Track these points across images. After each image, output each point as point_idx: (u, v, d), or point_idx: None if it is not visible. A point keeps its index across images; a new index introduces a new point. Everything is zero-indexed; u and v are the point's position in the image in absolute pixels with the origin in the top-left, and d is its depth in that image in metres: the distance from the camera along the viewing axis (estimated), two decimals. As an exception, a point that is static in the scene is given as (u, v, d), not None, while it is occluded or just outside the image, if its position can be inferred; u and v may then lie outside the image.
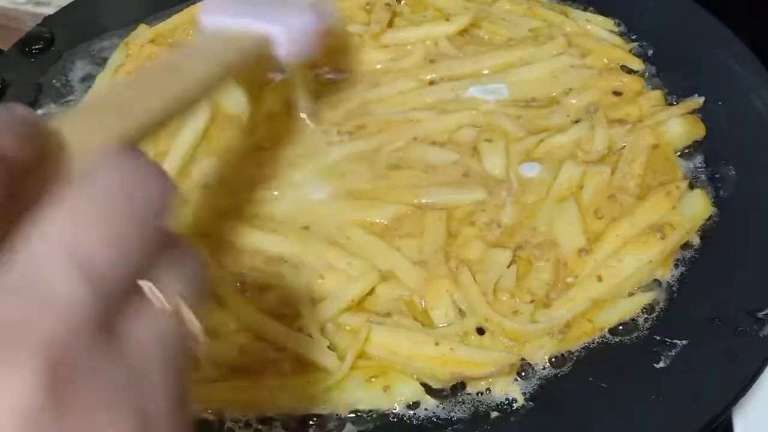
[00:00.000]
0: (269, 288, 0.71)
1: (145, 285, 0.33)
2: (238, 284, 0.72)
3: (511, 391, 0.65)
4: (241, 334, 0.68)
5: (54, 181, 0.35)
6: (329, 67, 0.90)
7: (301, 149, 0.82)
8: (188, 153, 0.82)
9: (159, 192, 0.34)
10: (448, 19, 0.94)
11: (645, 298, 0.70)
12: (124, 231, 0.31)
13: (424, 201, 0.76)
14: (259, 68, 0.80)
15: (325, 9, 0.75)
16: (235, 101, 0.87)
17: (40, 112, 0.91)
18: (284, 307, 0.70)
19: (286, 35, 0.68)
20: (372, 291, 0.70)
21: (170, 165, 0.81)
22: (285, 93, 0.88)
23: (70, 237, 0.30)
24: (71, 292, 0.29)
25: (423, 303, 0.70)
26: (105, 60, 0.96)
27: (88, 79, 0.95)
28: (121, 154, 0.34)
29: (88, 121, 0.45)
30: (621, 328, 0.69)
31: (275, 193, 0.78)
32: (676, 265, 0.73)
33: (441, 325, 0.68)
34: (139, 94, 0.50)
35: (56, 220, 0.30)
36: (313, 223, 0.75)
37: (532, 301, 0.69)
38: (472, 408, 0.65)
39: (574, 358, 0.67)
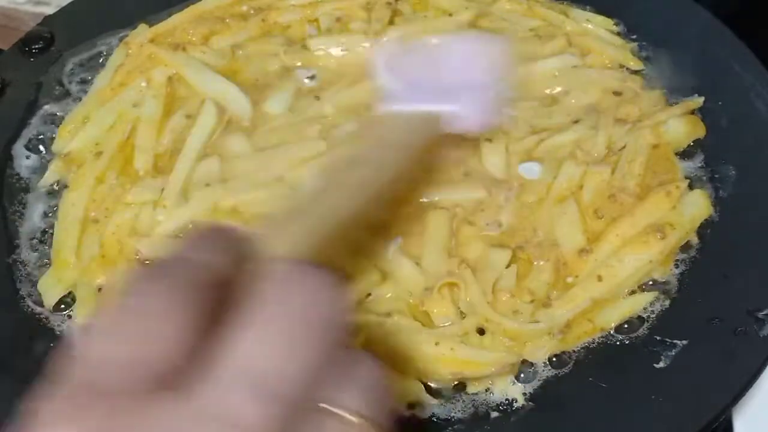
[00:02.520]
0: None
1: (328, 405, 0.34)
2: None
3: (511, 391, 0.65)
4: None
5: (243, 292, 0.36)
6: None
7: (301, 151, 0.82)
8: (200, 151, 0.82)
9: (337, 308, 0.36)
10: (451, 15, 0.94)
11: (645, 298, 0.71)
12: (306, 352, 0.34)
13: (424, 200, 0.76)
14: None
15: (503, 72, 0.71)
16: (237, 103, 0.87)
17: (39, 111, 0.91)
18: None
19: (468, 110, 0.66)
20: (372, 291, 0.70)
21: (181, 165, 0.81)
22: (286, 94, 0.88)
23: (255, 362, 0.32)
24: (256, 418, 0.31)
25: (423, 303, 0.70)
26: (105, 60, 0.96)
27: (88, 78, 0.95)
28: (303, 269, 0.36)
29: (279, 229, 0.46)
30: (621, 327, 0.69)
31: (276, 193, 0.78)
32: (676, 265, 0.73)
33: (441, 325, 0.68)
34: (327, 196, 0.52)
35: (242, 344, 0.33)
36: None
37: (532, 301, 0.69)
38: (472, 408, 0.65)
39: (574, 358, 0.68)
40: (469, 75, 0.69)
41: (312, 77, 0.90)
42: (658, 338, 0.68)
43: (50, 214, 0.81)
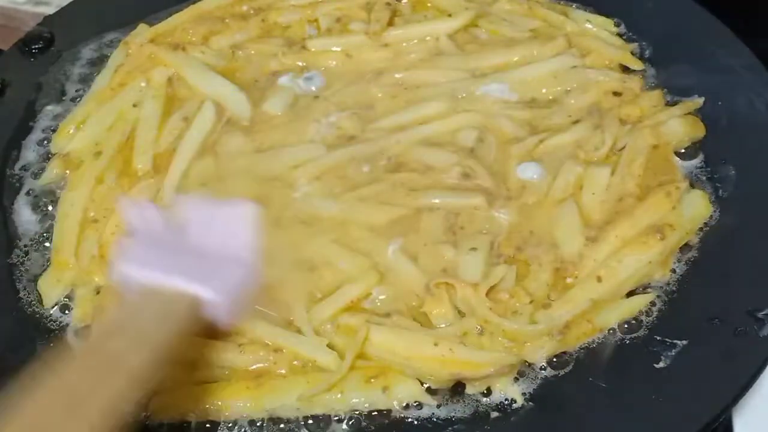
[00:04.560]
0: (268, 288, 0.71)
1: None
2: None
3: (511, 391, 0.65)
4: (241, 334, 0.68)
5: None
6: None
7: (300, 150, 0.82)
8: (198, 150, 0.82)
9: None
10: (450, 15, 0.95)
11: (645, 299, 0.70)
12: None
13: (422, 203, 0.76)
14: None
15: (254, 261, 0.67)
16: (237, 103, 0.87)
17: (39, 111, 0.91)
18: (283, 306, 0.70)
19: (221, 297, 0.62)
20: (371, 291, 0.70)
21: (177, 165, 0.81)
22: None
23: None
24: None
25: (422, 304, 0.70)
26: (105, 60, 0.96)
27: (88, 78, 0.95)
28: None
29: None
30: (621, 328, 0.69)
31: (275, 193, 0.78)
32: (676, 266, 0.73)
33: (440, 326, 0.68)
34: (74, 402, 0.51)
35: None
36: (312, 223, 0.75)
37: (531, 302, 0.69)
38: (472, 408, 0.65)
39: (574, 358, 0.67)
40: (219, 248, 0.66)
41: (311, 77, 0.90)
42: (658, 338, 0.68)
43: (50, 215, 0.81)
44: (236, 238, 0.68)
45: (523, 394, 0.65)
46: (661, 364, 0.66)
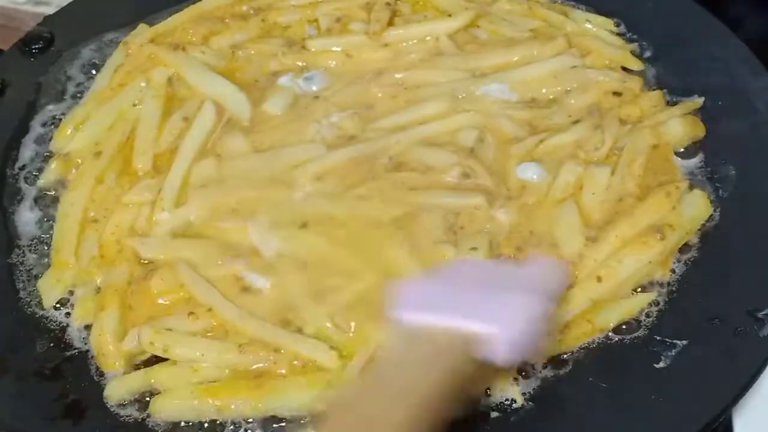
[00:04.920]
0: (268, 287, 0.71)
1: None
2: (237, 284, 0.72)
3: (511, 391, 0.65)
4: (241, 334, 0.68)
5: None
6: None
7: (300, 150, 0.82)
8: (198, 151, 0.82)
9: None
10: (450, 15, 0.95)
11: (645, 299, 0.70)
12: None
13: (422, 203, 0.76)
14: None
15: (551, 288, 0.61)
16: (237, 103, 0.87)
17: (39, 111, 0.91)
18: (283, 306, 0.70)
19: (506, 336, 0.56)
20: (371, 291, 0.70)
21: (178, 166, 0.81)
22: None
23: None
24: None
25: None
26: (105, 59, 0.96)
27: (88, 78, 0.95)
28: None
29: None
30: (621, 328, 0.69)
31: (275, 193, 0.78)
32: (676, 266, 0.73)
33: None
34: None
35: None
36: (312, 223, 0.75)
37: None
38: (472, 408, 0.65)
39: (574, 358, 0.67)
40: (510, 297, 0.59)
41: (311, 77, 0.90)
42: (658, 338, 0.68)
43: (50, 215, 0.81)
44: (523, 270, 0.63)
45: (523, 394, 0.65)
46: (661, 364, 0.66)
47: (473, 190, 0.77)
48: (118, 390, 0.67)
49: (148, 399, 0.66)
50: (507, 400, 0.65)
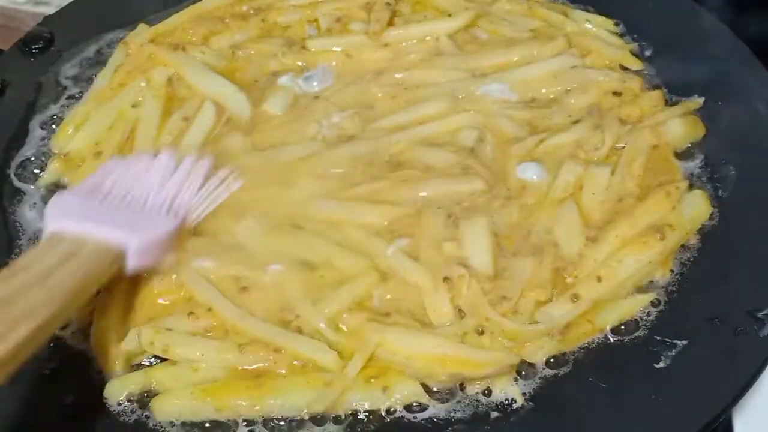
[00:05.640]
0: (268, 287, 0.71)
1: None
2: (236, 283, 0.72)
3: (511, 391, 0.65)
4: (241, 334, 0.68)
5: None
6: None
7: (300, 150, 0.82)
8: (198, 152, 0.82)
9: None
10: (450, 15, 0.95)
11: (645, 299, 0.70)
12: None
13: (422, 194, 0.76)
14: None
15: (178, 212, 0.72)
16: (237, 103, 0.87)
17: (39, 111, 0.91)
18: (282, 307, 0.70)
19: (137, 244, 0.67)
20: (372, 291, 0.70)
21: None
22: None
23: None
24: None
25: (422, 303, 0.69)
26: (105, 59, 0.96)
27: (88, 78, 0.95)
28: None
29: None
30: (621, 328, 0.69)
31: (275, 192, 0.78)
32: (676, 266, 0.73)
33: (440, 326, 0.68)
34: None
35: None
36: (312, 223, 0.75)
37: (532, 302, 0.69)
38: (472, 408, 0.65)
39: (574, 358, 0.67)
40: (144, 215, 0.71)
41: (311, 77, 0.90)
42: (658, 338, 0.68)
43: (50, 214, 0.81)
44: (162, 187, 0.73)
45: (523, 394, 0.65)
46: (661, 364, 0.66)
47: (472, 179, 0.77)
48: (118, 390, 0.67)
49: (148, 399, 0.66)
50: (507, 400, 0.65)
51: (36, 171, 0.85)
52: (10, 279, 0.60)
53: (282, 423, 0.65)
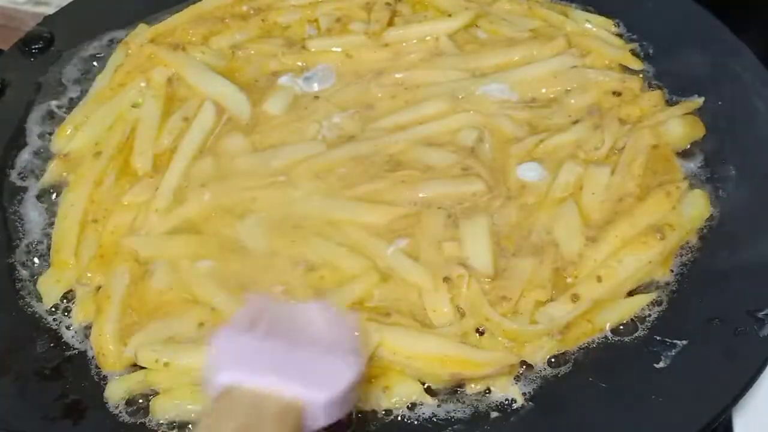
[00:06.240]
0: (268, 288, 0.71)
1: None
2: (236, 284, 0.72)
3: (511, 391, 0.65)
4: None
5: None
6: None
7: (300, 150, 0.82)
8: (197, 151, 0.83)
9: None
10: (450, 15, 0.95)
11: (644, 299, 0.70)
12: None
13: (422, 194, 0.76)
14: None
15: (359, 348, 0.59)
16: (237, 103, 0.87)
17: (39, 112, 0.91)
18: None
19: (325, 402, 0.53)
20: (372, 291, 0.70)
21: (176, 165, 0.81)
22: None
23: None
24: None
25: (422, 303, 0.70)
26: (105, 60, 0.96)
27: (88, 78, 0.95)
28: None
29: None
30: (621, 328, 0.69)
31: (275, 192, 0.78)
32: (676, 266, 0.73)
33: (440, 326, 0.68)
34: None
35: None
36: (312, 222, 0.75)
37: (532, 302, 0.69)
38: (472, 408, 0.65)
39: (574, 358, 0.67)
40: (328, 357, 0.56)
41: (311, 77, 0.90)
42: (658, 338, 0.68)
43: (50, 215, 0.81)
44: (330, 333, 0.59)
45: (523, 394, 0.65)
46: (661, 364, 0.66)
47: (472, 181, 0.77)
48: (118, 390, 0.67)
49: (148, 399, 0.66)
50: (507, 400, 0.65)
51: (36, 171, 0.85)
52: None
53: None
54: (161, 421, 0.65)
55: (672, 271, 0.72)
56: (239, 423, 0.50)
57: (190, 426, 0.65)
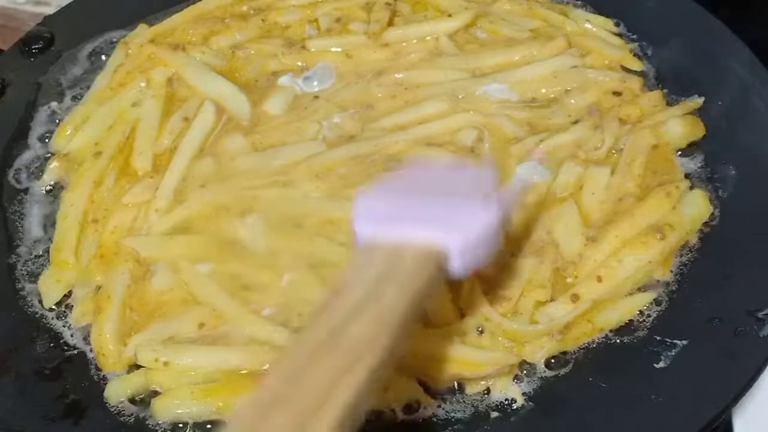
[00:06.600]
0: (268, 287, 0.71)
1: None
2: (236, 282, 0.72)
3: (511, 391, 0.65)
4: (242, 333, 0.68)
5: None
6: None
7: (300, 150, 0.82)
8: (197, 150, 0.83)
9: None
10: (450, 15, 0.95)
11: (645, 299, 0.70)
12: None
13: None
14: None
15: (504, 196, 0.59)
16: (237, 103, 0.87)
17: (39, 111, 0.91)
18: (284, 306, 0.70)
19: (462, 243, 0.53)
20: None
21: (176, 165, 0.81)
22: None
23: None
24: None
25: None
26: (105, 60, 0.96)
27: (88, 78, 0.95)
28: None
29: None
30: (621, 328, 0.69)
31: (275, 192, 0.78)
32: (676, 266, 0.73)
33: (440, 326, 0.68)
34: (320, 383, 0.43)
35: None
36: (312, 222, 0.75)
37: (532, 302, 0.69)
38: (472, 408, 0.65)
39: (574, 358, 0.67)
40: (464, 202, 0.56)
41: (311, 77, 0.90)
42: (658, 338, 0.68)
43: (49, 215, 0.81)
44: (466, 185, 0.59)
45: (523, 394, 0.65)
46: (661, 364, 0.66)
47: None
48: (118, 390, 0.67)
49: (148, 399, 0.67)
50: (507, 400, 0.65)
51: (36, 171, 0.85)
52: (335, 302, 0.49)
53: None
54: (161, 421, 0.65)
55: (672, 271, 0.73)
56: (380, 270, 0.52)
57: (189, 426, 0.65)
